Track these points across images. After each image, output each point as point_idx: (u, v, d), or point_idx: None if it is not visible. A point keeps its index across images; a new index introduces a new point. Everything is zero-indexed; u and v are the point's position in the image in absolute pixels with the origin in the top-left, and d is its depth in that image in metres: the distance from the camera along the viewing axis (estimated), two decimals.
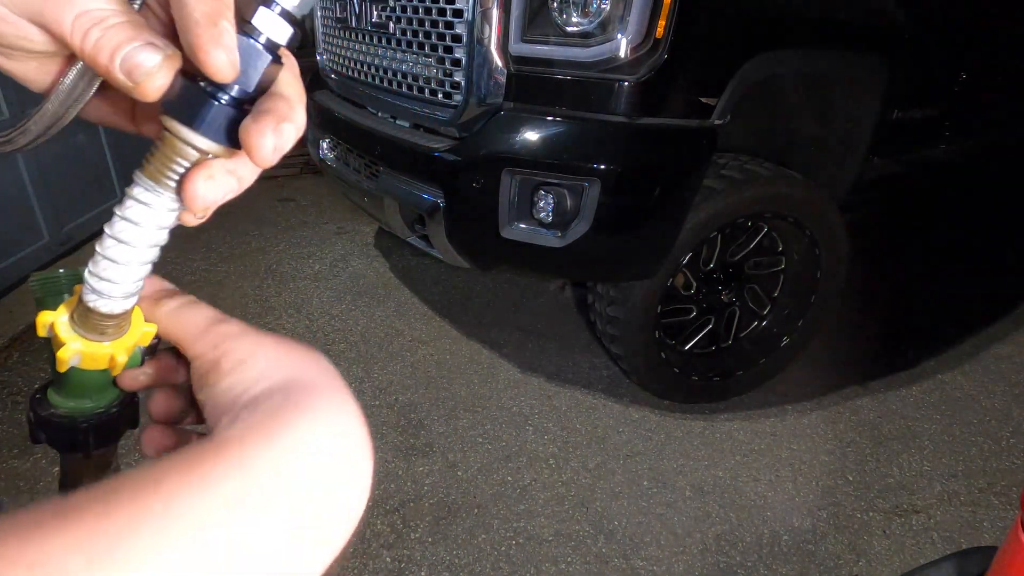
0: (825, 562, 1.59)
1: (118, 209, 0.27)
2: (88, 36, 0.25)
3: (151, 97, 0.26)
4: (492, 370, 2.26)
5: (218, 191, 0.28)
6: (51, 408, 0.32)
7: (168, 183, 0.27)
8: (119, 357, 0.30)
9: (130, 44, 0.25)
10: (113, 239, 0.27)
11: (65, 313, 0.29)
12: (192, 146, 0.27)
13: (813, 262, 2.04)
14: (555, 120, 1.56)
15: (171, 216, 0.28)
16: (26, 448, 1.81)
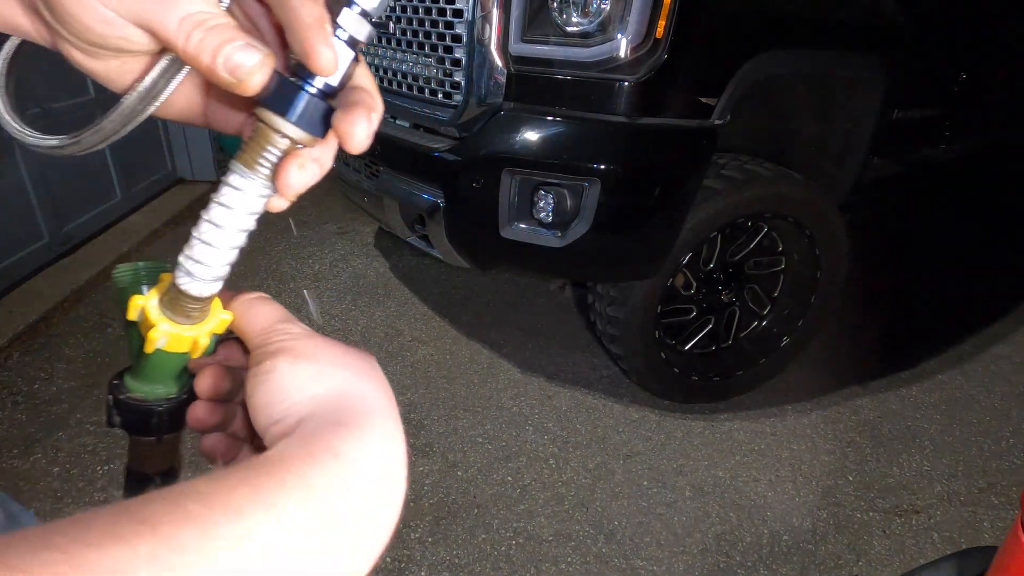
0: (825, 562, 1.59)
1: (214, 195, 0.30)
2: (191, 37, 0.27)
3: (251, 92, 0.28)
4: (492, 370, 2.26)
5: (307, 177, 0.30)
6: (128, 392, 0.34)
7: (261, 170, 0.29)
8: (201, 340, 0.32)
9: (231, 44, 0.27)
10: (208, 223, 0.29)
11: (155, 297, 0.32)
12: (285, 136, 0.29)
13: (813, 262, 2.04)
14: (555, 120, 1.56)
15: (261, 202, 0.30)
16: (26, 448, 1.81)
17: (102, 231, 3.17)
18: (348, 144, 0.30)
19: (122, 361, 0.32)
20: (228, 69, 0.28)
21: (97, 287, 2.69)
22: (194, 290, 0.31)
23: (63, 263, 2.81)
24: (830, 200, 2.00)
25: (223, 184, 0.30)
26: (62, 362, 2.20)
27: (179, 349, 0.32)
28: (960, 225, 3.76)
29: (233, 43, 0.28)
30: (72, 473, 1.74)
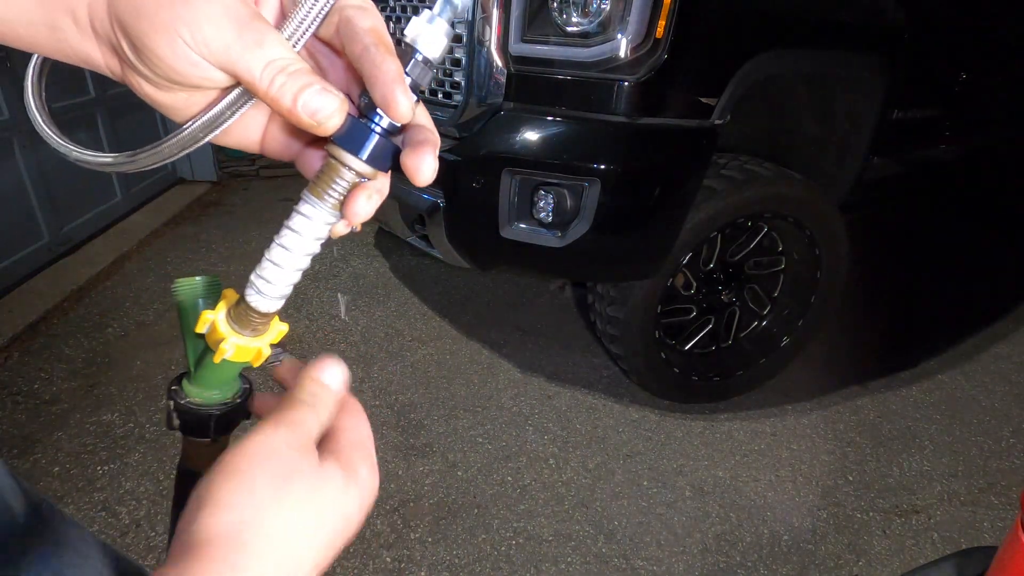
0: (825, 562, 1.59)
1: (286, 220, 0.33)
2: (274, 82, 0.30)
3: (327, 133, 0.31)
4: (492, 370, 2.26)
5: (372, 206, 0.34)
6: (186, 398, 0.37)
7: (329, 200, 0.32)
8: (264, 350, 0.35)
9: (309, 89, 0.30)
10: (279, 246, 0.33)
11: (223, 311, 0.34)
12: (356, 171, 0.32)
13: (813, 262, 2.04)
14: (555, 120, 1.56)
15: (327, 228, 0.33)
16: (26, 448, 1.81)
17: (102, 231, 3.17)
18: (416, 179, 0.33)
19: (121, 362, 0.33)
20: (308, 113, 0.30)
21: (97, 287, 2.69)
22: (262, 306, 0.34)
23: (63, 263, 2.81)
24: (830, 200, 2.00)
25: (294, 212, 0.33)
26: (62, 362, 2.20)
27: (244, 359, 0.35)
28: (960, 225, 3.76)
29: (311, 88, 0.30)
30: (72, 473, 1.74)
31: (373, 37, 0.31)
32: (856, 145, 2.04)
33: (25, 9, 0.32)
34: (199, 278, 0.37)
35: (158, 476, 1.74)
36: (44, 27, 0.32)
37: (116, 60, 0.33)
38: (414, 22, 0.32)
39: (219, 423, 0.39)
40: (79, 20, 0.32)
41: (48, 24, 0.32)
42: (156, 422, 1.93)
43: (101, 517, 1.61)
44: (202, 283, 0.37)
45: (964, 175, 2.76)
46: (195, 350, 0.37)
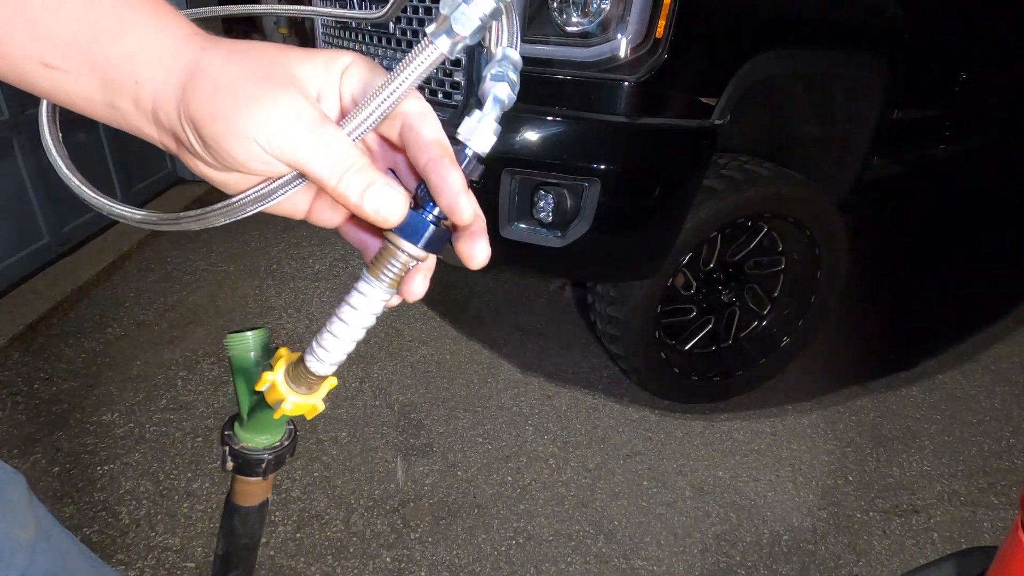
0: (825, 562, 1.59)
1: (346, 296, 0.36)
2: (342, 180, 0.32)
3: (389, 227, 0.34)
4: (492, 370, 2.26)
5: (427, 284, 0.38)
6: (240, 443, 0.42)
7: (385, 279, 0.35)
8: (319, 407, 0.38)
9: (373, 187, 0.33)
10: (338, 319, 0.35)
11: (281, 371, 0.37)
12: (413, 257, 0.35)
13: (813, 262, 2.04)
14: (555, 120, 1.56)
15: (382, 304, 0.36)
16: (26, 448, 1.81)
17: (102, 231, 3.17)
18: (472, 265, 0.36)
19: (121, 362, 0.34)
20: (372, 210, 0.33)
21: (97, 287, 2.69)
22: (320, 371, 0.37)
23: (63, 263, 2.81)
24: (830, 200, 2.00)
25: (353, 290, 0.35)
26: (62, 362, 2.20)
27: (299, 413, 0.38)
28: (960, 225, 3.76)
29: (375, 186, 0.33)
30: (72, 473, 1.74)
31: (439, 149, 0.33)
32: (856, 145, 2.04)
33: (85, 87, 0.34)
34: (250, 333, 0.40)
35: (158, 476, 1.74)
36: (102, 104, 0.34)
37: (174, 142, 0.35)
38: (467, 122, 0.34)
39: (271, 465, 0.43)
40: (141, 106, 0.34)
41: (107, 103, 0.34)
42: (156, 422, 1.93)
43: (101, 517, 1.61)
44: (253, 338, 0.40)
45: (964, 175, 2.76)
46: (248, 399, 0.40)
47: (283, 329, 2.44)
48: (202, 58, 0.33)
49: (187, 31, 0.34)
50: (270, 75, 0.32)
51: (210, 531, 1.58)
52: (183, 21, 0.35)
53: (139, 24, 0.33)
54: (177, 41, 0.33)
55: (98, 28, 0.32)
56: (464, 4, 0.30)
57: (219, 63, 0.33)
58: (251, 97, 0.32)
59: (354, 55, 0.36)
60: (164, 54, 0.33)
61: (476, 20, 0.30)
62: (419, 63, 0.32)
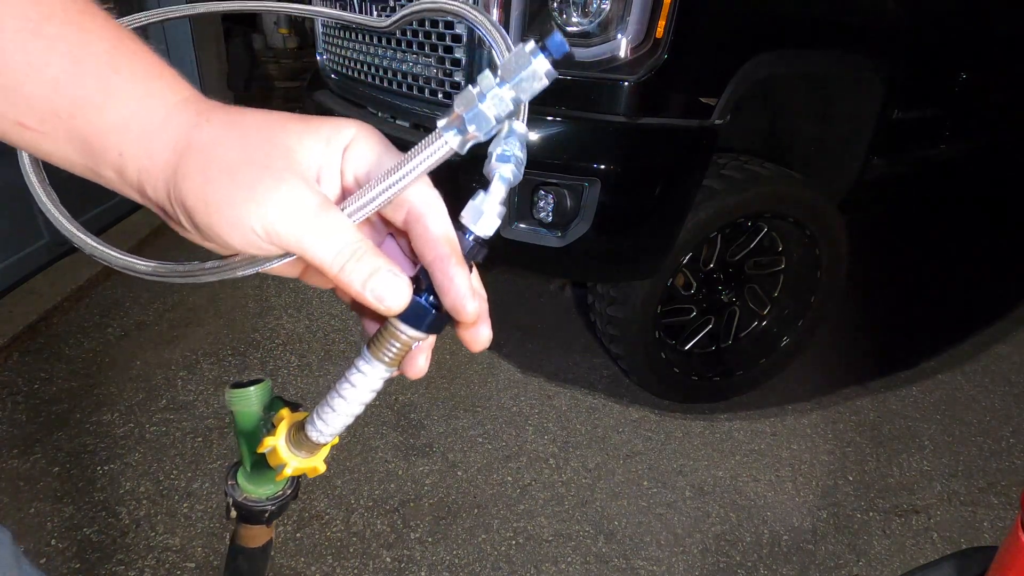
0: (825, 562, 1.59)
1: (347, 372, 0.36)
2: (344, 268, 0.32)
3: (392, 315, 0.34)
4: (492, 370, 2.26)
5: (428, 362, 0.37)
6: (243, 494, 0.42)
7: (385, 359, 0.35)
8: (321, 468, 0.39)
9: (376, 276, 0.32)
10: (338, 395, 0.36)
11: (282, 437, 0.38)
12: (414, 339, 0.35)
13: (813, 262, 2.04)
14: (555, 120, 1.56)
15: (382, 382, 0.36)
16: (26, 448, 1.81)
17: (102, 231, 3.17)
18: (473, 348, 0.36)
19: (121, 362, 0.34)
20: (375, 298, 0.32)
21: (97, 287, 2.69)
22: (320, 440, 0.38)
23: (63, 263, 2.81)
24: (830, 200, 2.00)
25: (354, 368, 0.36)
26: (62, 362, 2.20)
27: (301, 473, 0.39)
28: (960, 225, 3.76)
29: (378, 275, 0.32)
30: (72, 473, 1.74)
31: (446, 247, 0.32)
32: (856, 145, 2.04)
33: (64, 151, 0.32)
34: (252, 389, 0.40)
35: (158, 476, 1.74)
36: (82, 167, 0.33)
37: (161, 212, 0.34)
38: (471, 205, 0.33)
39: (273, 514, 0.44)
40: (126, 178, 0.32)
41: (88, 168, 0.32)
42: (156, 422, 1.93)
43: (101, 517, 1.61)
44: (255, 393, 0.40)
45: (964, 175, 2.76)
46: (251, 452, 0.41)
47: (283, 329, 2.44)
48: (193, 135, 0.31)
49: (177, 98, 0.32)
50: (268, 158, 0.31)
51: (210, 531, 1.59)
52: (175, 83, 0.32)
53: (125, 93, 0.31)
54: (166, 113, 0.31)
55: (81, 95, 0.30)
56: (479, 104, 0.29)
57: (212, 142, 0.31)
58: (248, 186, 0.30)
59: (358, 127, 0.34)
60: (151, 128, 0.31)
61: (491, 120, 0.29)
62: (428, 155, 0.31)
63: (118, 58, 0.31)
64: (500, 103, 0.28)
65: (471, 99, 0.29)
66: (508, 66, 0.28)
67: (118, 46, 0.31)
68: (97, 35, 0.31)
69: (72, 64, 0.30)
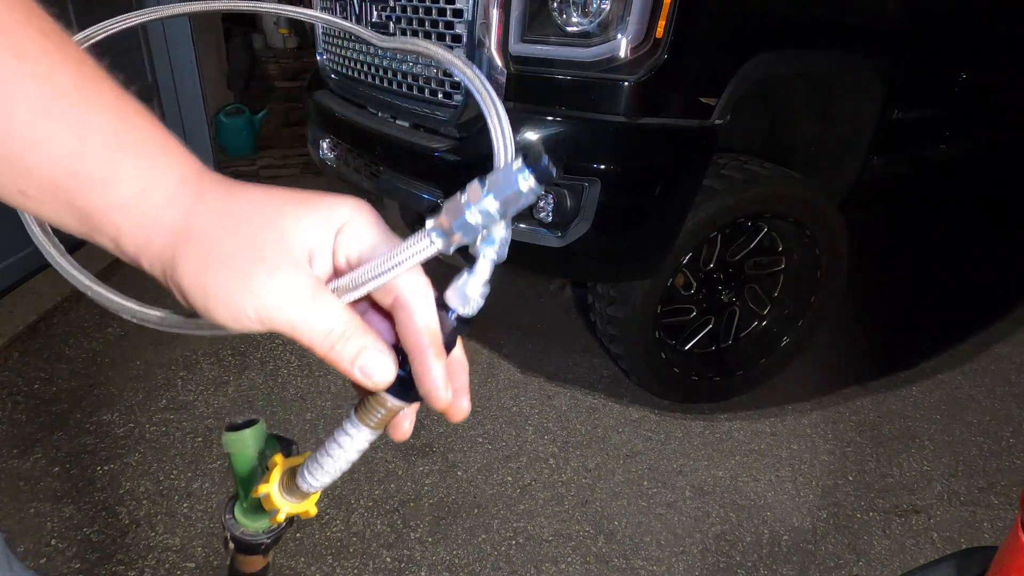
0: (825, 562, 1.59)
1: (336, 433, 0.38)
2: (333, 348, 0.33)
3: (378, 390, 0.36)
4: (492, 370, 2.26)
5: (412, 425, 0.40)
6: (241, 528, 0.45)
7: (371, 424, 0.37)
8: (312, 511, 0.42)
9: (364, 355, 0.34)
10: (326, 454, 0.38)
11: (275, 484, 0.41)
12: (398, 407, 0.37)
13: (813, 262, 2.04)
14: (555, 120, 1.56)
15: (367, 444, 0.38)
16: (26, 448, 1.81)
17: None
18: (452, 419, 0.38)
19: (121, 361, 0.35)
20: (362, 376, 0.34)
21: None
22: (310, 491, 0.40)
23: None
24: (830, 200, 2.00)
25: (342, 430, 0.38)
26: (62, 362, 2.20)
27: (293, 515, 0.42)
28: (960, 225, 3.75)
29: (365, 353, 0.34)
30: (72, 473, 1.74)
31: (428, 338, 0.34)
32: (856, 145, 2.04)
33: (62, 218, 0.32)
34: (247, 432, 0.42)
35: (158, 476, 1.74)
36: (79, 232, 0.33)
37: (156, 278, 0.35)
38: (456, 286, 0.35)
39: (268, 546, 0.47)
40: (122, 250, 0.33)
41: (85, 235, 0.33)
42: (156, 422, 1.93)
43: (101, 517, 1.61)
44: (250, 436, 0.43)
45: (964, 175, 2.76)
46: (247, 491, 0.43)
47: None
48: (192, 221, 0.32)
49: (178, 177, 0.33)
50: (263, 247, 0.32)
51: (210, 531, 1.59)
52: (177, 159, 0.33)
53: (128, 174, 0.31)
54: (166, 196, 0.32)
55: (84, 173, 0.31)
56: (466, 213, 0.31)
57: (209, 231, 0.32)
58: (244, 278, 0.31)
59: (352, 208, 0.35)
60: (151, 211, 0.32)
61: (477, 229, 0.31)
62: (415, 253, 0.33)
63: (123, 136, 0.31)
64: (486, 215, 0.30)
65: (459, 208, 0.31)
66: (496, 182, 0.30)
67: (125, 123, 0.32)
68: (105, 114, 0.31)
69: (78, 143, 0.30)
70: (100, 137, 0.31)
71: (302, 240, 0.33)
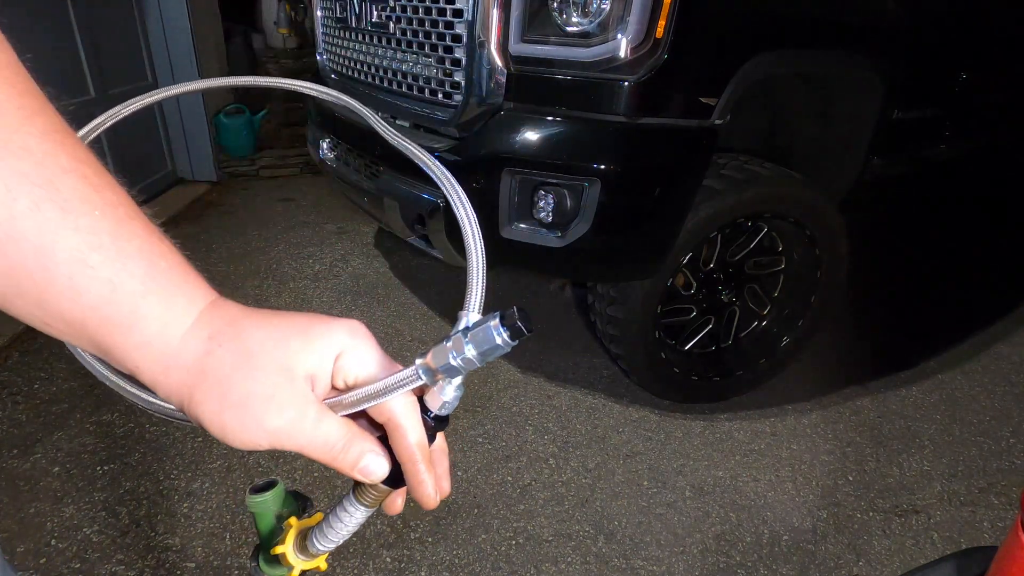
0: (825, 562, 1.59)
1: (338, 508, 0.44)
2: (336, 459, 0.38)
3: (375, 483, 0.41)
4: (492, 370, 2.26)
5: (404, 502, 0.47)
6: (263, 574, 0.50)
7: (367, 503, 0.44)
8: (322, 567, 0.47)
9: (364, 460, 0.39)
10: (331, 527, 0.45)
11: (290, 544, 0.46)
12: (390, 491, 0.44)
13: (813, 262, 2.04)
14: (555, 120, 1.56)
15: (364, 518, 0.45)
16: (26, 448, 1.81)
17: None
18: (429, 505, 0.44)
19: None
20: (363, 475, 0.40)
21: None
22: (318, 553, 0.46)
23: None
24: (830, 200, 2.00)
25: (343, 508, 0.44)
26: (62, 362, 2.20)
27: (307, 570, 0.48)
28: (960, 225, 3.75)
29: (364, 458, 0.39)
30: (72, 473, 1.74)
31: (418, 454, 0.40)
32: (856, 145, 2.04)
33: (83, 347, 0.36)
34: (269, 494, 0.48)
35: (158, 476, 1.74)
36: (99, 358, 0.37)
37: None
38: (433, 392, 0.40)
39: None
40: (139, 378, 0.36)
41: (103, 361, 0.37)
42: (156, 422, 1.93)
43: (101, 517, 1.61)
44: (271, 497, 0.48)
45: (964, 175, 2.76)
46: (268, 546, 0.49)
47: None
48: (207, 364, 0.35)
49: (194, 315, 0.35)
50: (272, 388, 0.35)
51: (210, 531, 1.59)
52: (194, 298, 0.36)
53: (150, 317, 0.34)
54: (182, 338, 0.35)
55: (110, 318, 0.33)
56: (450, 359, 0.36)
57: (225, 372, 0.35)
58: (258, 418, 0.35)
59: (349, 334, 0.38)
60: (168, 352, 0.35)
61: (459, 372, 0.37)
62: (404, 384, 0.37)
63: (149, 282, 0.34)
64: (467, 361, 0.36)
65: (445, 355, 0.36)
66: (476, 336, 0.36)
67: (152, 267, 0.34)
68: (136, 260, 0.34)
69: (110, 292, 0.33)
70: (130, 284, 0.33)
71: (305, 370, 0.37)
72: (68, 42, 3.08)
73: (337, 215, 3.64)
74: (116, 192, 0.35)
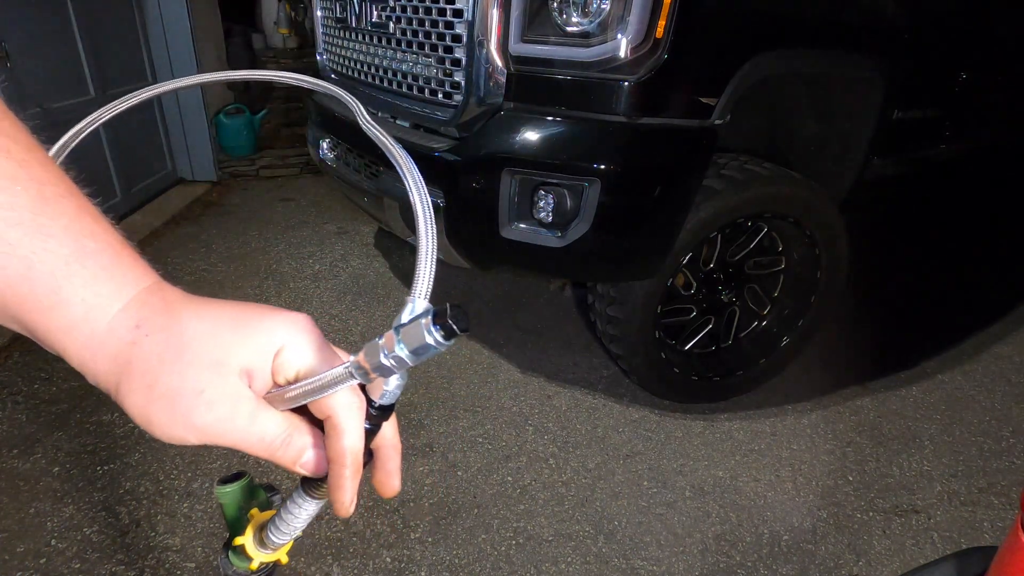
0: (825, 562, 1.59)
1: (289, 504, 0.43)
2: (275, 455, 0.37)
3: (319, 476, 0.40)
4: (492, 370, 2.26)
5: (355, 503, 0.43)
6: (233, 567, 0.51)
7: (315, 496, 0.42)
8: (283, 560, 0.48)
9: (302, 454, 0.38)
10: (283, 520, 0.44)
11: (250, 537, 0.46)
12: None
13: (813, 262, 2.04)
14: (555, 120, 1.56)
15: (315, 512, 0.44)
16: (26, 448, 1.81)
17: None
18: (386, 494, 0.42)
19: None
20: (304, 470, 0.39)
21: None
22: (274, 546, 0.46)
23: None
24: (830, 200, 2.00)
25: (291, 501, 0.43)
26: (62, 362, 2.19)
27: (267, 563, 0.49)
28: (960, 225, 3.76)
29: (304, 453, 0.38)
30: (72, 473, 1.74)
31: (350, 459, 0.38)
32: (856, 145, 2.04)
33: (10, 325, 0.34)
34: (235, 485, 0.48)
35: (158, 476, 1.74)
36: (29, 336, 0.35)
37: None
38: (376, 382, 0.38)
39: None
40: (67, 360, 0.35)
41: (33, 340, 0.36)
42: None
43: (101, 517, 1.61)
44: (239, 488, 0.49)
45: (964, 175, 2.76)
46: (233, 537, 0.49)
47: None
48: (133, 354, 0.33)
49: (123, 301, 0.34)
50: (201, 383, 0.34)
51: (210, 531, 1.59)
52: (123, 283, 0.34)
53: (74, 299, 0.32)
54: (108, 325, 0.33)
55: (32, 299, 0.32)
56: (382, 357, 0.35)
57: (151, 364, 0.33)
58: (186, 414, 0.34)
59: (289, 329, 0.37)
60: (94, 338, 0.33)
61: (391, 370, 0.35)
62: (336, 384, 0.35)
63: (73, 263, 0.32)
64: (399, 360, 0.35)
65: (376, 353, 0.35)
66: (408, 334, 0.34)
67: (80, 247, 0.32)
68: (59, 239, 0.32)
69: (26, 269, 0.31)
70: (51, 264, 0.31)
71: (240, 364, 0.35)
72: (68, 42, 3.08)
73: (337, 215, 3.64)
74: (47, 169, 0.33)
